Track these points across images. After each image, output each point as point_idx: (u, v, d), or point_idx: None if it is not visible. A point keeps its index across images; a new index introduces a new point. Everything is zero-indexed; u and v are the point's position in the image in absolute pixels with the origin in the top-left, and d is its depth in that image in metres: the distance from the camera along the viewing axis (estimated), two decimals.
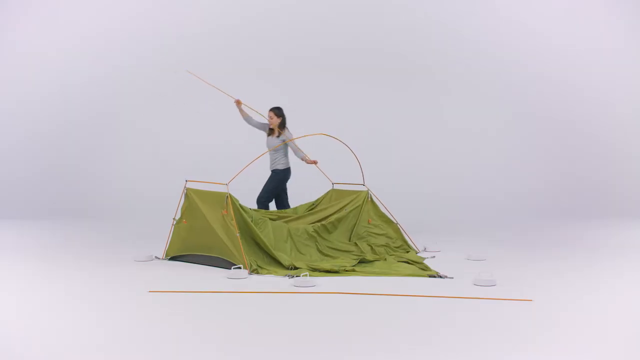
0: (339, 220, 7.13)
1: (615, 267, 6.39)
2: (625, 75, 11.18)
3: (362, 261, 6.44)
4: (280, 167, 7.55)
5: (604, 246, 7.66)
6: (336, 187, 7.81)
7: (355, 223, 7.20)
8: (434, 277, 5.84)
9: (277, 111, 7.53)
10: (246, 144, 9.25)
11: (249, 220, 6.30)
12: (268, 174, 7.66)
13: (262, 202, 7.54)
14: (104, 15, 10.92)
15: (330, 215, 7.24)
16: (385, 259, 6.58)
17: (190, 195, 6.61)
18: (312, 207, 7.61)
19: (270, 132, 7.59)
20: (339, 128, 9.67)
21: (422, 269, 6.14)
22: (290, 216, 7.28)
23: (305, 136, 7.59)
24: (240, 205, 6.35)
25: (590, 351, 3.79)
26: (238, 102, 7.69)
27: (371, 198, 7.45)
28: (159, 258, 6.75)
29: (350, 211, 7.23)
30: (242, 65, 11.09)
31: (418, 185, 10.81)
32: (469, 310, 4.69)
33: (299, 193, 8.35)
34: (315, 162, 7.51)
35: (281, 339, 4.00)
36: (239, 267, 5.87)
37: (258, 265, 6.07)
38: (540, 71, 11.21)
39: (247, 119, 7.71)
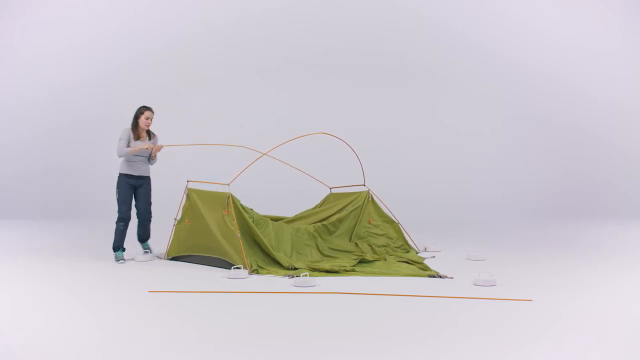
0: (340, 220, 7.13)
1: (615, 267, 6.38)
2: (625, 75, 11.18)
3: (362, 261, 6.44)
4: (149, 174, 6.77)
5: (604, 246, 7.67)
6: (334, 191, 7.80)
7: (356, 223, 7.20)
8: (434, 277, 5.84)
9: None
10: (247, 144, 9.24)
11: (250, 220, 6.30)
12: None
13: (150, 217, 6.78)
14: (103, 15, 10.92)
15: (331, 215, 7.23)
16: (385, 259, 6.58)
17: (191, 196, 6.61)
18: (314, 208, 7.61)
19: (138, 136, 6.59)
20: (337, 128, 9.67)
21: (422, 269, 6.14)
22: (290, 218, 7.28)
23: (306, 135, 7.57)
24: (241, 205, 6.35)
25: (590, 351, 3.79)
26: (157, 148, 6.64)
27: (372, 198, 7.44)
28: (160, 258, 6.75)
29: (351, 211, 7.22)
30: (242, 64, 11.09)
31: (418, 185, 10.81)
32: (469, 310, 4.69)
33: (296, 200, 8.36)
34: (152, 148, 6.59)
35: (281, 338, 4.00)
36: (239, 267, 5.87)
37: (258, 266, 6.07)
38: (540, 71, 11.21)
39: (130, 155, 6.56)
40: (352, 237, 7.11)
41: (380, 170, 10.02)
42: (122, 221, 6.63)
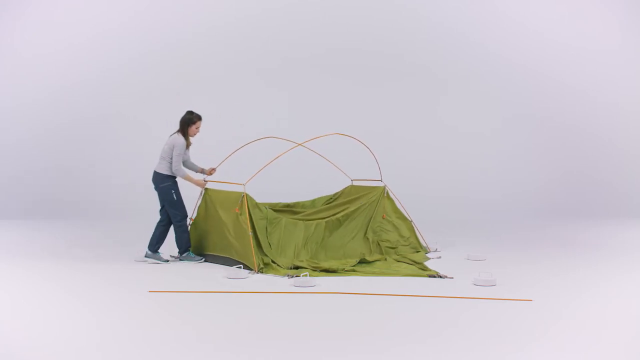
0: (354, 212, 7.03)
1: (615, 267, 6.38)
2: (624, 75, 11.18)
3: (362, 261, 6.44)
4: None
5: (604, 246, 7.67)
6: (355, 183, 7.85)
7: (371, 218, 7.10)
8: (434, 277, 5.85)
9: None
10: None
11: (263, 221, 6.35)
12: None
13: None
14: (103, 15, 10.91)
15: (346, 209, 7.21)
16: (386, 259, 6.58)
17: (207, 196, 6.67)
18: (330, 200, 7.67)
19: (187, 144, 6.69)
20: (338, 128, 9.67)
21: (422, 269, 6.14)
22: (307, 211, 7.36)
23: (321, 136, 7.55)
24: (256, 203, 6.39)
25: (590, 351, 3.80)
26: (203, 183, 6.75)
27: (388, 194, 7.44)
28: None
29: (367, 204, 7.15)
30: (242, 65, 11.08)
31: (417, 185, 10.80)
32: (469, 310, 4.69)
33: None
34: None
35: (281, 338, 4.00)
36: (240, 267, 5.89)
37: (265, 264, 6.10)
38: (540, 71, 11.20)
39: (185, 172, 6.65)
40: (367, 231, 7.04)
41: (374, 173, 10.01)
42: (187, 218, 6.64)
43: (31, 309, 4.72)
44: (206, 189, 6.72)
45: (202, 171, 6.81)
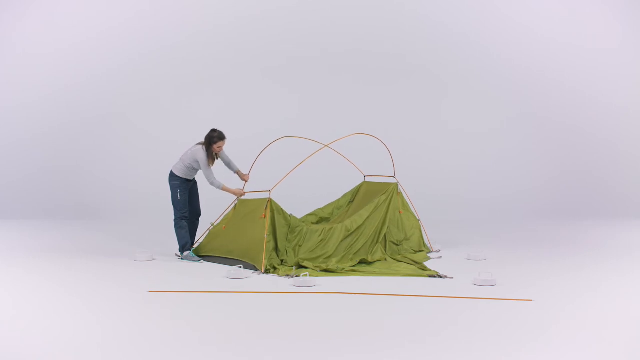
0: (369, 213, 6.99)
1: (615, 267, 6.38)
2: (625, 74, 11.17)
3: (362, 261, 6.44)
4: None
5: (604, 246, 7.66)
6: (368, 179, 7.91)
7: (386, 217, 7.05)
8: (434, 277, 5.85)
9: None
10: (250, 143, 9.26)
11: (285, 229, 6.39)
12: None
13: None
14: (104, 15, 10.90)
15: (362, 212, 7.14)
16: (386, 259, 6.57)
17: (238, 206, 6.71)
18: (351, 199, 7.74)
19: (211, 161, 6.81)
20: (340, 129, 9.69)
21: (422, 269, 6.14)
22: (329, 217, 7.57)
23: (344, 137, 7.56)
24: (281, 209, 6.43)
25: (590, 351, 3.80)
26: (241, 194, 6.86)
27: (399, 191, 7.43)
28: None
29: (381, 204, 7.12)
30: (246, 64, 11.07)
31: (417, 185, 10.79)
32: (469, 310, 4.70)
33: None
34: None
35: (281, 338, 4.00)
36: (240, 267, 5.90)
37: (272, 267, 6.11)
38: (541, 71, 11.20)
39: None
40: (382, 231, 6.96)
41: (379, 169, 10.01)
42: (186, 219, 6.81)
43: (31, 308, 4.72)
44: (239, 200, 6.74)
45: (238, 172, 6.96)
